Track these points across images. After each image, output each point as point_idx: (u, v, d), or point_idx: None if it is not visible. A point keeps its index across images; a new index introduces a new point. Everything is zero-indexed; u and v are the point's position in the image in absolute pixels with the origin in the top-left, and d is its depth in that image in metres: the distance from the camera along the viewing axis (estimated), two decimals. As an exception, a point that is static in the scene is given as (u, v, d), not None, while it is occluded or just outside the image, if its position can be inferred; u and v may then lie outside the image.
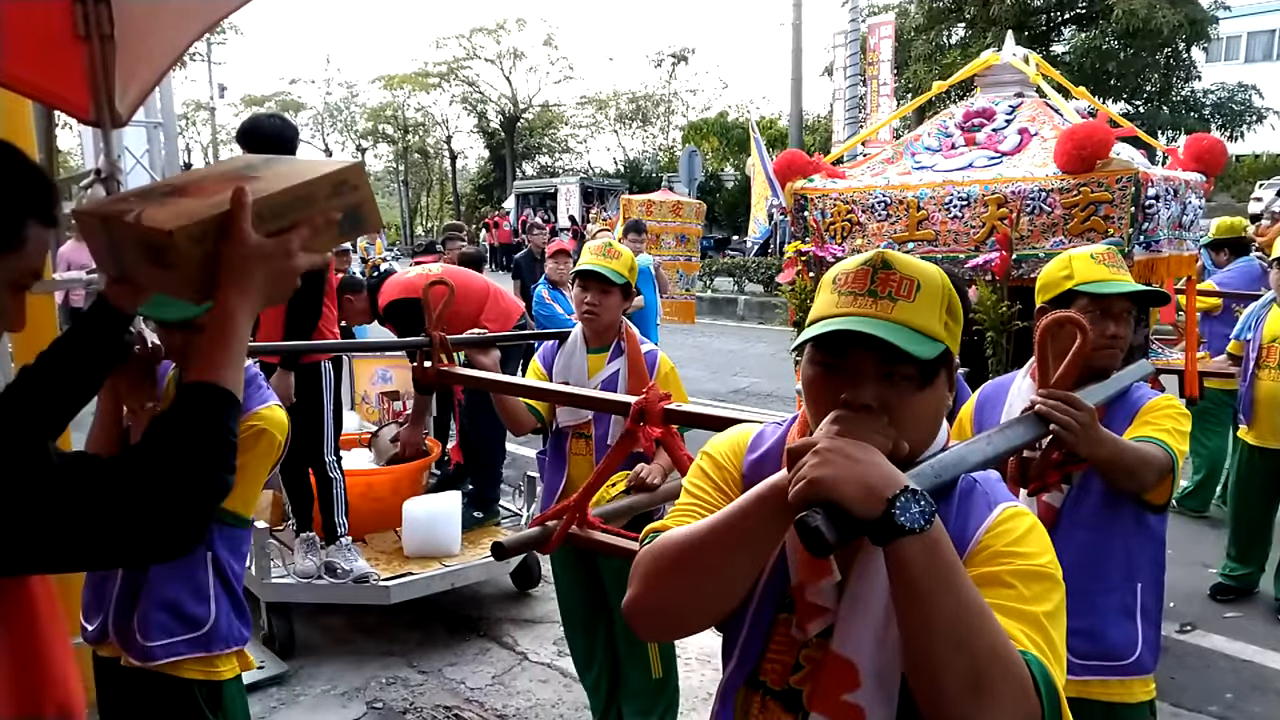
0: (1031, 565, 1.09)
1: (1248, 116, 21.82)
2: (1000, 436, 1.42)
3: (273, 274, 1.23)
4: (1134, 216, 3.08)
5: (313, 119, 43.56)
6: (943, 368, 1.16)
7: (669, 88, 39.88)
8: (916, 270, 1.16)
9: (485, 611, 4.66)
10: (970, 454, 1.24)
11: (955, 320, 1.19)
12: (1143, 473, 1.94)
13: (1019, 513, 1.15)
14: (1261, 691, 3.89)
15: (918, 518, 0.97)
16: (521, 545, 2.44)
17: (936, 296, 1.15)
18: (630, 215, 10.41)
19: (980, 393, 2.44)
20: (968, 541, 1.13)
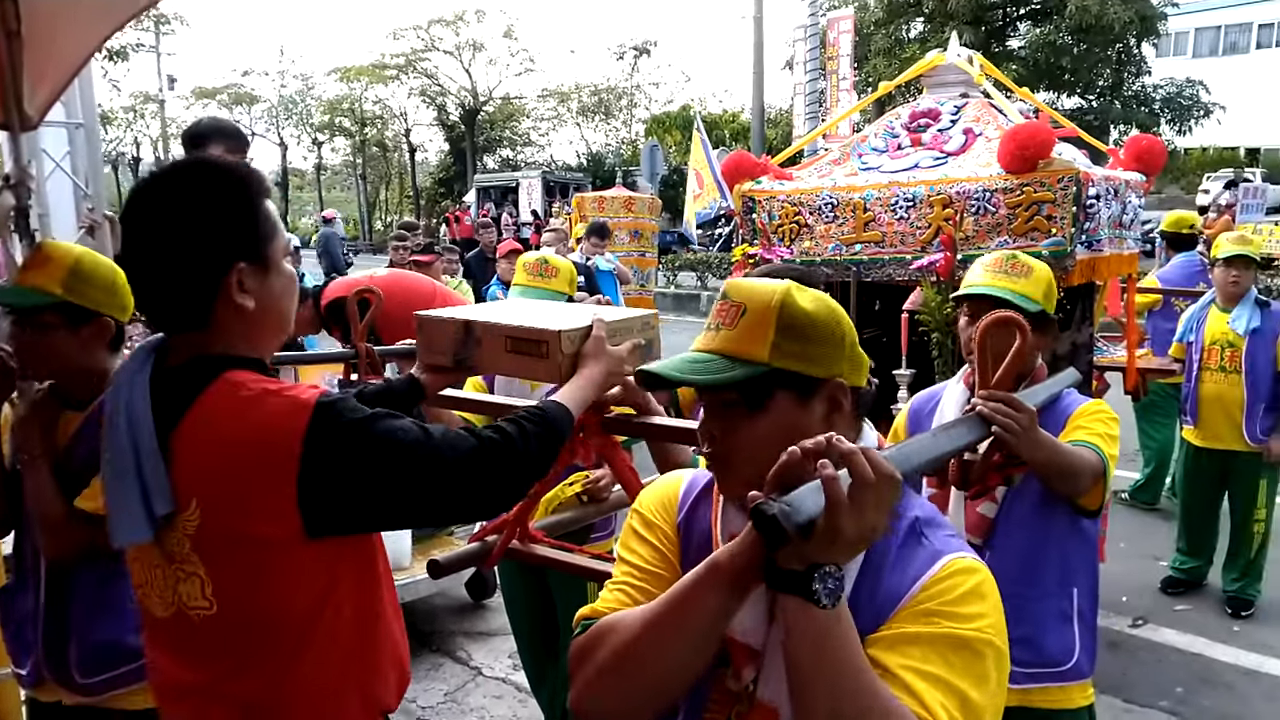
0: (963, 631, 1.03)
1: (1195, 111, 22.23)
2: (943, 437, 1.38)
3: (611, 371, 1.73)
4: (1075, 216, 3.09)
5: (267, 112, 42.84)
6: (779, 390, 1.12)
7: (631, 81, 39.77)
8: (747, 294, 1.14)
9: (437, 625, 4.58)
10: (913, 454, 1.19)
11: (799, 338, 1.12)
12: (1078, 476, 1.95)
13: (966, 568, 1.09)
14: (1211, 685, 3.93)
15: (829, 594, 0.94)
16: (458, 562, 2.35)
17: (761, 318, 1.12)
18: (583, 212, 10.31)
19: (912, 404, 2.42)
20: (904, 593, 1.08)
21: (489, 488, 1.42)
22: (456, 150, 39.62)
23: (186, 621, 1.38)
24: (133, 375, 1.39)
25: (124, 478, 1.33)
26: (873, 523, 0.94)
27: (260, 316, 1.43)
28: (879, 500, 0.94)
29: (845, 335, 1.14)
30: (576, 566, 2.35)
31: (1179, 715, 3.70)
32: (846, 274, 3.63)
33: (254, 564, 1.33)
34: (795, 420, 1.12)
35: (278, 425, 1.31)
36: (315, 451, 1.30)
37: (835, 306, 1.16)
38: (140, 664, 2.05)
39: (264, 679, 1.37)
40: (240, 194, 1.40)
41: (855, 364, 1.16)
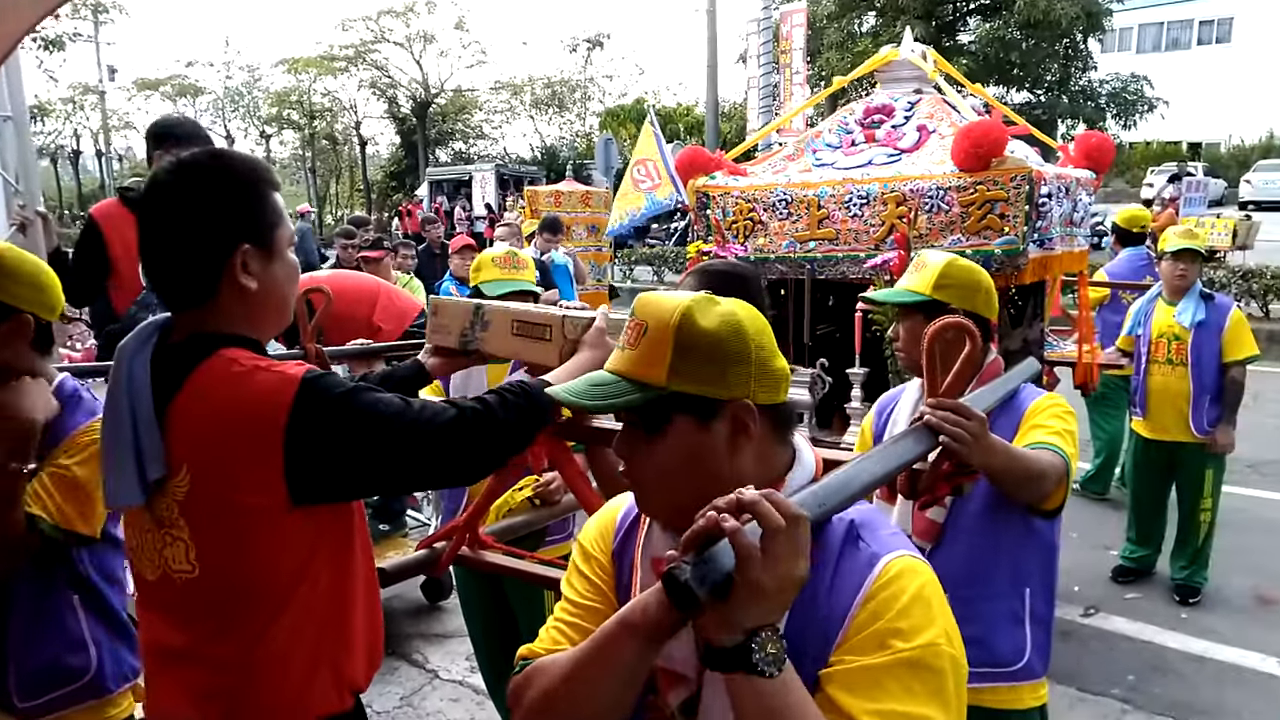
0: (919, 651, 1.00)
1: (1140, 106, 22.65)
2: (888, 453, 1.36)
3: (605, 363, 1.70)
4: (1028, 215, 3.10)
5: (212, 104, 41.88)
6: (676, 414, 1.08)
7: (585, 73, 39.58)
8: (650, 312, 1.10)
9: (393, 628, 4.49)
10: (857, 476, 1.17)
11: (698, 359, 1.07)
12: (1039, 481, 1.90)
13: (904, 570, 1.06)
14: (1162, 672, 4.00)
15: (770, 660, 0.91)
16: (405, 570, 2.30)
17: (659, 338, 1.08)
18: (537, 206, 10.21)
19: (877, 405, 2.41)
20: (849, 605, 1.05)
21: (468, 455, 1.51)
22: (408, 143, 39.13)
23: (171, 584, 1.46)
24: (135, 350, 1.48)
25: (121, 444, 1.43)
26: (790, 570, 0.91)
27: (262, 298, 1.51)
28: (793, 545, 0.91)
29: (752, 353, 1.08)
30: (527, 574, 2.31)
31: (1130, 703, 3.75)
32: (800, 271, 3.62)
33: (237, 530, 1.41)
34: (696, 444, 1.09)
35: (266, 398, 1.39)
36: (301, 423, 1.38)
37: (744, 322, 1.09)
38: (82, 684, 2.00)
39: (239, 644, 1.44)
40: (250, 181, 1.50)
41: (767, 382, 1.10)
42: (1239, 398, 4.51)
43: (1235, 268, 12.20)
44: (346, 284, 4.65)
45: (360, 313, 4.46)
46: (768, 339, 1.12)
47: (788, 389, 1.13)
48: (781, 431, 1.15)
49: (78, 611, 2.02)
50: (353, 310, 4.36)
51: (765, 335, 1.11)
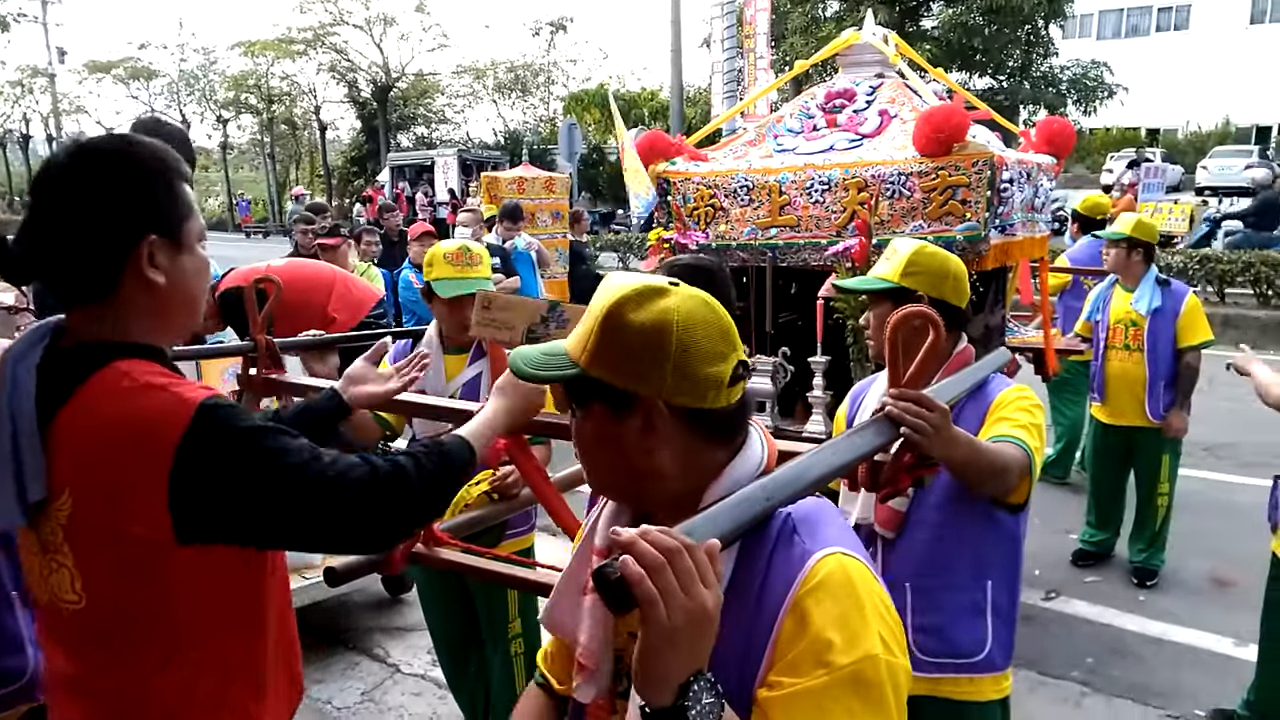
0: (855, 665, 0.96)
1: (1100, 92, 22.91)
2: (846, 444, 1.32)
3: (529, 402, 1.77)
4: (989, 200, 3.08)
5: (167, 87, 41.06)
6: (594, 399, 1.09)
7: (548, 57, 39.27)
8: (601, 291, 1.10)
9: (354, 621, 4.43)
10: (810, 469, 1.13)
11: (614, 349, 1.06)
12: (1002, 475, 1.87)
13: (833, 570, 1.02)
14: (1120, 654, 4.04)
15: (706, 712, 0.87)
16: (356, 570, 2.24)
17: (591, 322, 1.08)
18: (498, 193, 10.04)
19: (851, 392, 2.38)
20: (774, 617, 1.01)
21: (373, 523, 1.37)
22: (369, 128, 38.64)
23: (57, 613, 1.36)
24: (22, 354, 1.34)
25: (1, 459, 1.30)
26: (695, 601, 0.87)
27: (168, 295, 1.38)
28: (686, 578, 0.86)
29: (672, 356, 1.04)
30: (485, 572, 2.26)
31: (1090, 685, 3.79)
32: (762, 259, 3.58)
33: (124, 562, 1.29)
34: (609, 433, 1.09)
35: (156, 421, 1.27)
36: (191, 455, 1.25)
37: (676, 323, 1.05)
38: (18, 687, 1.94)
39: (132, 679, 1.34)
40: (159, 169, 1.37)
41: (689, 386, 1.05)
42: (1193, 383, 4.56)
43: (1191, 253, 12.38)
44: (301, 272, 4.56)
45: (314, 301, 4.36)
46: (706, 343, 1.06)
47: (725, 397, 1.08)
48: (712, 435, 1.10)
49: (14, 609, 1.95)
50: (306, 299, 4.26)
51: (701, 339, 1.06)
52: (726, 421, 1.10)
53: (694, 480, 1.10)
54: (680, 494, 1.10)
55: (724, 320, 1.09)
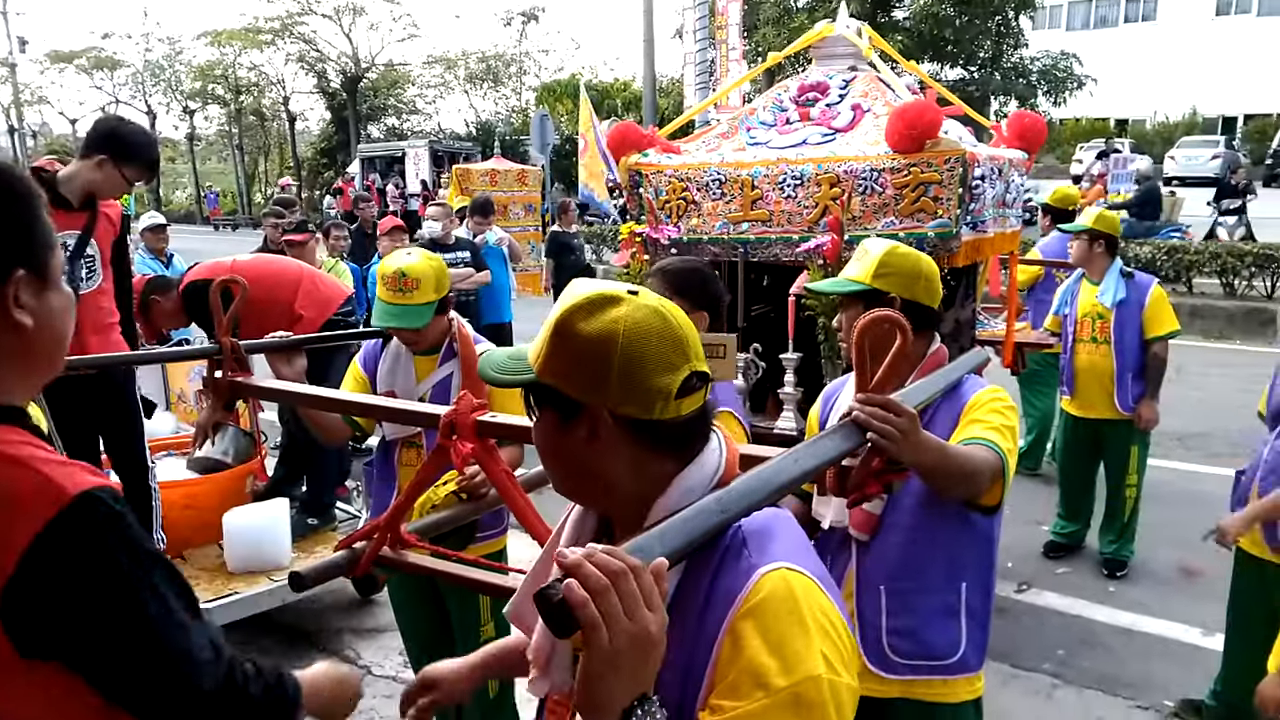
0: (793, 688, 0.94)
1: (1070, 83, 23.08)
2: (809, 451, 1.30)
3: None
4: (961, 198, 3.07)
5: (132, 78, 40.41)
6: (544, 405, 1.10)
7: (520, 48, 39.02)
8: (560, 300, 1.10)
9: (324, 623, 4.37)
10: (771, 478, 1.11)
11: (562, 356, 1.06)
12: (973, 479, 1.85)
13: (776, 587, 1.00)
14: (1090, 646, 4.08)
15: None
16: (323, 573, 2.19)
17: (547, 329, 1.08)
18: (470, 185, 9.98)
19: (825, 391, 2.36)
20: (716, 632, 1.00)
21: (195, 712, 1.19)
22: (339, 119, 38.24)
23: None
24: None
25: None
26: (638, 625, 0.85)
27: (35, 338, 1.20)
28: (630, 601, 0.85)
29: (615, 366, 1.03)
30: (452, 576, 2.22)
31: (1061, 677, 3.82)
32: (734, 253, 3.56)
33: None
34: (557, 439, 1.10)
35: (11, 506, 1.08)
36: (44, 556, 1.07)
37: (622, 334, 1.03)
38: None
39: None
40: (24, 194, 1.20)
41: (635, 397, 1.04)
42: (1161, 373, 4.59)
43: (1159, 244, 12.51)
44: (267, 269, 4.48)
45: (280, 298, 4.29)
46: (654, 354, 1.04)
47: (675, 408, 1.06)
48: (661, 446, 1.08)
49: None
50: (272, 296, 4.19)
51: (649, 350, 1.04)
52: (677, 433, 1.08)
53: (643, 489, 1.09)
54: (632, 501, 1.09)
55: (678, 331, 1.07)
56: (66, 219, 3.41)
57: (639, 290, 1.09)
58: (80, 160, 3.42)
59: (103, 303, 3.57)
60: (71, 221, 3.43)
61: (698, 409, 1.09)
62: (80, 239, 3.44)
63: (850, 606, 2.13)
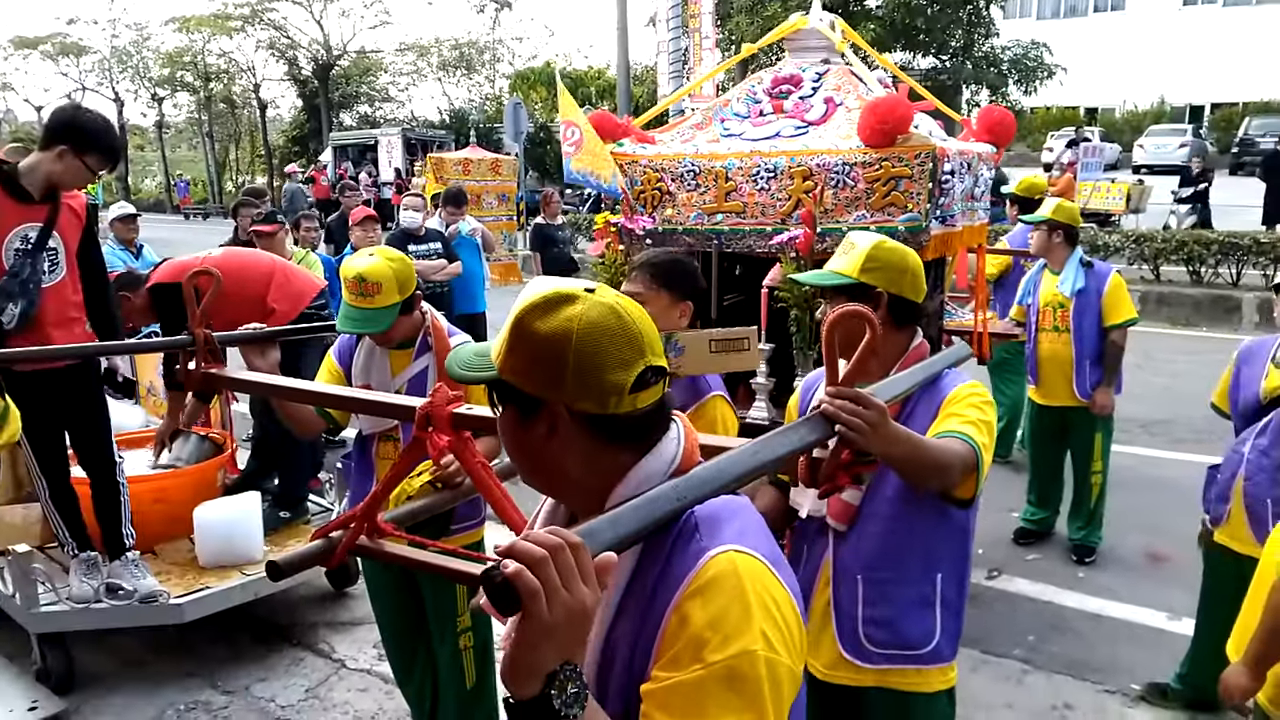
0: (728, 661, 0.98)
1: (1040, 72, 23.23)
2: (772, 443, 1.32)
3: None
4: (931, 192, 3.09)
5: (98, 64, 39.74)
6: (507, 401, 1.13)
7: (493, 35, 38.73)
8: (520, 298, 1.12)
9: (298, 617, 4.35)
10: (730, 467, 1.14)
11: (522, 354, 1.08)
12: (944, 471, 1.86)
13: (724, 569, 1.03)
14: (1060, 631, 4.14)
15: (569, 702, 0.87)
16: (300, 562, 2.18)
17: (506, 328, 1.11)
18: (444, 174, 9.92)
19: (804, 382, 2.38)
20: (670, 598, 1.04)
21: None
22: (311, 106, 37.81)
23: None
24: None
25: None
26: (575, 597, 0.86)
27: None
28: (566, 573, 0.87)
29: (570, 363, 1.05)
30: (428, 565, 2.22)
31: (1031, 663, 3.87)
32: (708, 244, 3.56)
33: None
34: (520, 435, 1.13)
35: None
36: None
37: (577, 331, 1.06)
38: None
39: None
40: None
41: (589, 393, 1.07)
42: (1118, 360, 4.66)
43: (1128, 231, 12.66)
44: (239, 262, 4.43)
45: (252, 292, 4.25)
46: (608, 351, 1.06)
47: (630, 403, 1.08)
48: (617, 439, 1.11)
49: None
50: (244, 290, 4.15)
51: (603, 347, 1.06)
52: (634, 426, 1.11)
53: (601, 481, 1.12)
54: (591, 493, 1.12)
55: (633, 328, 1.09)
56: (27, 212, 3.36)
57: (596, 288, 1.11)
58: (41, 152, 3.37)
59: (66, 296, 3.52)
60: (32, 214, 3.38)
61: (655, 402, 1.12)
62: (42, 232, 3.39)
63: (826, 595, 2.15)
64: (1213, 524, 3.22)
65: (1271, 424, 3.00)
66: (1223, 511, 3.15)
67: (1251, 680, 2.21)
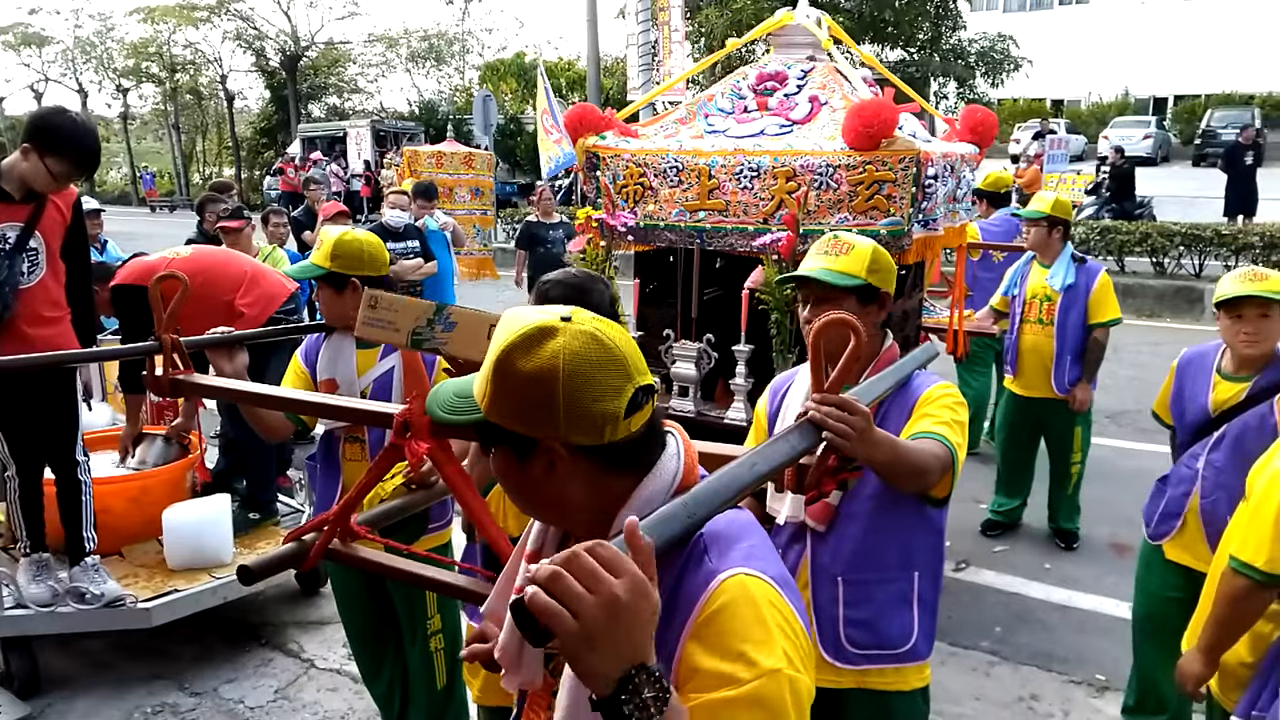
0: (754, 683, 0.97)
1: (1007, 65, 23.37)
2: (769, 452, 1.33)
3: None
4: (914, 196, 3.09)
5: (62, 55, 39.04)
6: (499, 443, 1.11)
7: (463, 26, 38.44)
8: (498, 337, 1.09)
9: (267, 616, 4.31)
10: (733, 481, 1.14)
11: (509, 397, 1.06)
12: (924, 473, 1.89)
13: (738, 592, 1.03)
14: (1027, 622, 4.20)
15: (647, 706, 0.85)
16: (271, 566, 2.16)
17: (487, 370, 1.08)
18: (418, 168, 9.86)
19: (771, 386, 2.38)
20: (678, 638, 1.03)
21: None
22: (278, 98, 37.32)
23: None
24: None
25: None
26: (602, 594, 0.85)
27: None
28: (586, 577, 0.86)
29: (560, 399, 1.03)
30: (405, 574, 2.21)
31: (998, 654, 3.92)
32: (690, 241, 3.55)
33: None
34: (515, 475, 1.12)
35: None
36: None
37: (561, 365, 1.03)
38: None
39: None
40: None
41: (583, 426, 1.05)
42: (1100, 358, 4.72)
43: (1093, 224, 12.81)
44: (208, 262, 4.35)
45: (220, 294, 4.18)
46: (598, 381, 1.04)
47: (624, 428, 1.07)
48: (616, 465, 1.10)
49: None
50: (210, 292, 4.09)
51: (592, 379, 1.04)
52: (633, 449, 1.10)
53: (606, 506, 1.11)
54: (595, 519, 1.11)
55: (618, 351, 1.07)
56: (9, 212, 3.30)
57: (572, 314, 1.08)
58: (18, 150, 3.32)
59: (45, 296, 3.45)
60: (13, 214, 3.31)
61: (648, 421, 1.10)
62: (22, 232, 3.33)
63: (805, 598, 2.15)
64: (1156, 538, 3.16)
65: (1226, 438, 2.95)
66: (1172, 526, 3.09)
67: (1204, 668, 2.25)
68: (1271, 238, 11.10)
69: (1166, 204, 16.69)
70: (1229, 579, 2.12)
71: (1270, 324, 2.83)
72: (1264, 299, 2.79)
